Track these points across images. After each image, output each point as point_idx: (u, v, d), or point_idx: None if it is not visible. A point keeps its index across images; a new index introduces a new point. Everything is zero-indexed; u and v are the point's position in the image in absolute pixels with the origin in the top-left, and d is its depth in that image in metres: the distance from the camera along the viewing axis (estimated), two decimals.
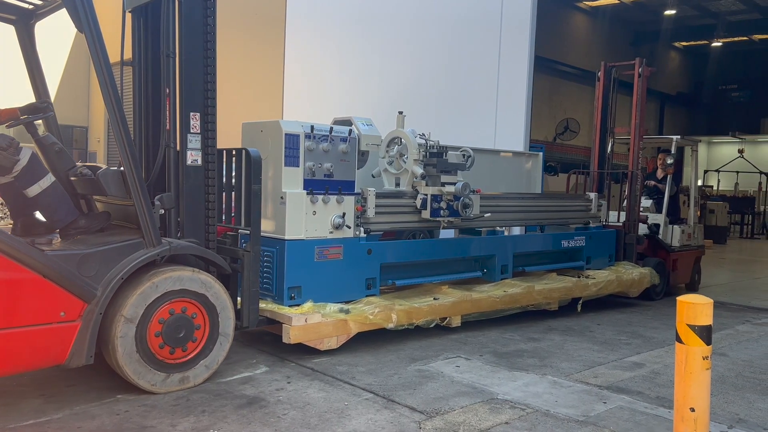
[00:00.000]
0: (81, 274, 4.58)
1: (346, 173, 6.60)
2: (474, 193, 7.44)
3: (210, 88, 5.51)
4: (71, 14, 4.68)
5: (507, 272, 8.04)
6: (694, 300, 3.59)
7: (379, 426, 4.52)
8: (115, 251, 4.78)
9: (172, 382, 4.98)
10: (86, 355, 4.59)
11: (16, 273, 4.29)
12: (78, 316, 4.56)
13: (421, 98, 12.81)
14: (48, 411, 4.57)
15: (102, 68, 4.78)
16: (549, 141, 26.34)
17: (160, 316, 4.89)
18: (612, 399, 5.29)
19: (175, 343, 4.97)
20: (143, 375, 4.82)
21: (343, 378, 5.53)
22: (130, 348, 4.73)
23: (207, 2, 5.47)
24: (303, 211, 6.21)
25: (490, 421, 4.67)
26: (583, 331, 7.71)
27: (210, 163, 5.52)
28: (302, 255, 6.22)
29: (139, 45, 5.86)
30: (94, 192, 5.46)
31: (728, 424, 4.83)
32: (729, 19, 28.57)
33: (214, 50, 5.53)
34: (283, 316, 5.92)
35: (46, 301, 4.43)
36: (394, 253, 7.03)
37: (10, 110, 5.51)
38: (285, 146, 6.15)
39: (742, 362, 6.62)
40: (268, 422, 4.49)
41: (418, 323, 6.70)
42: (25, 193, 5.00)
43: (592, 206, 9.39)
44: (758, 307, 9.89)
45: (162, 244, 4.98)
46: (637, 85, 10.15)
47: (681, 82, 34.23)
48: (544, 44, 16.41)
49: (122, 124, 4.88)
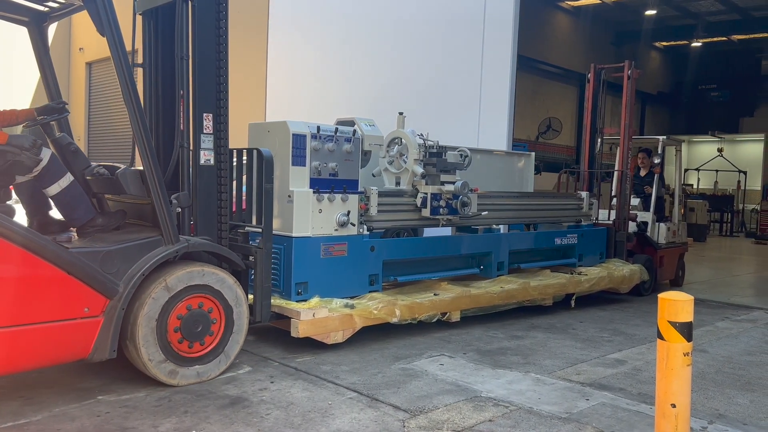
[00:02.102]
0: (103, 271, 4.72)
1: (350, 172, 6.76)
2: (472, 191, 7.63)
3: (222, 90, 5.65)
4: (93, 19, 4.81)
5: (503, 269, 8.24)
6: (675, 297, 3.61)
7: (363, 425, 4.53)
8: (136, 248, 4.93)
9: (191, 376, 5.13)
10: (109, 349, 4.73)
11: (43, 270, 4.43)
12: (101, 311, 4.71)
13: (404, 98, 12.76)
14: (27, 413, 4.52)
15: (123, 70, 4.92)
16: (532, 140, 26.55)
17: (179, 312, 5.04)
18: (594, 396, 5.34)
19: (193, 337, 5.12)
20: (164, 369, 4.96)
21: (327, 377, 5.53)
22: (151, 343, 4.88)
23: (220, 6, 5.61)
24: (309, 209, 6.37)
25: (474, 419, 4.71)
26: (565, 328, 7.80)
27: (222, 162, 5.66)
28: (309, 252, 6.38)
29: (150, 47, 6.00)
30: (111, 191, 5.59)
31: (708, 420, 4.91)
32: (709, 20, 28.92)
33: (226, 53, 5.67)
34: (291, 311, 6.08)
35: (70, 297, 4.57)
36: (395, 250, 7.21)
37: (27, 111, 5.62)
38: (292, 146, 6.30)
39: (722, 358, 6.73)
40: (251, 422, 4.49)
41: (420, 318, 6.88)
42: (45, 192, 5.12)
43: (584, 205, 9.63)
44: (737, 304, 10.08)
45: (180, 242, 5.13)
46: (627, 86, 10.37)
47: (661, 82, 34.60)
48: (526, 44, 16.53)
49: (142, 125, 5.02)
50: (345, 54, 14.72)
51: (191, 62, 5.51)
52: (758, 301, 10.60)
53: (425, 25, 13.14)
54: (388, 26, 13.83)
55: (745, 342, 7.50)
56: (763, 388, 5.75)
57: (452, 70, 12.61)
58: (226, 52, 5.67)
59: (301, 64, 15.68)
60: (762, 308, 9.72)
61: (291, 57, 16.01)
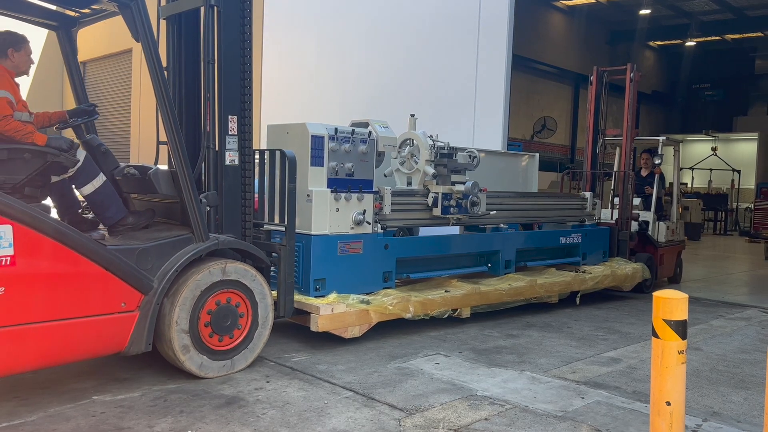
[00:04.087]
0: (139, 268, 4.92)
1: (365, 173, 6.96)
2: (481, 191, 7.84)
3: (246, 93, 5.86)
4: (129, 25, 5.01)
5: (510, 267, 8.47)
6: (669, 295, 3.59)
7: (359, 424, 4.53)
8: (169, 246, 5.14)
9: (220, 368, 5.35)
10: (145, 342, 4.94)
11: (85, 267, 4.63)
12: (136, 306, 4.91)
13: (399, 97, 12.98)
14: (21, 414, 4.51)
15: (157, 74, 5.12)
16: (527, 139, 26.72)
17: (209, 307, 5.26)
18: (589, 394, 5.36)
19: (222, 331, 5.34)
20: (196, 362, 5.18)
21: (323, 377, 5.52)
22: (183, 337, 5.08)
23: (244, 12, 5.82)
24: (327, 208, 6.57)
25: (470, 418, 4.72)
26: (560, 327, 7.85)
27: (246, 162, 5.87)
28: (326, 249, 6.59)
29: (174, 51, 6.18)
30: (141, 190, 5.79)
31: (703, 417, 4.93)
32: (702, 19, 29.18)
33: (250, 57, 5.88)
34: (311, 306, 6.29)
35: (108, 292, 4.77)
36: (408, 248, 7.43)
37: (59, 113, 5.82)
38: (311, 147, 6.50)
39: (716, 356, 6.76)
40: (247, 422, 4.48)
41: (432, 314, 7.08)
42: (79, 192, 5.32)
43: (588, 205, 9.87)
44: (731, 302, 10.15)
45: (210, 239, 5.34)
46: (629, 89, 10.60)
47: (656, 81, 34.85)
48: (521, 43, 16.62)
49: (175, 127, 5.22)
50: (339, 54, 14.82)
51: (216, 66, 5.71)
52: (752, 299, 10.73)
53: (420, 25, 13.23)
54: (383, 26, 13.92)
55: (739, 340, 7.55)
56: (756, 386, 5.77)
57: (447, 69, 12.69)
58: (250, 56, 5.88)
59: (296, 64, 15.74)
60: (756, 306, 9.83)
61: (285, 57, 16.10)
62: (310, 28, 15.34)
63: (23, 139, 4.90)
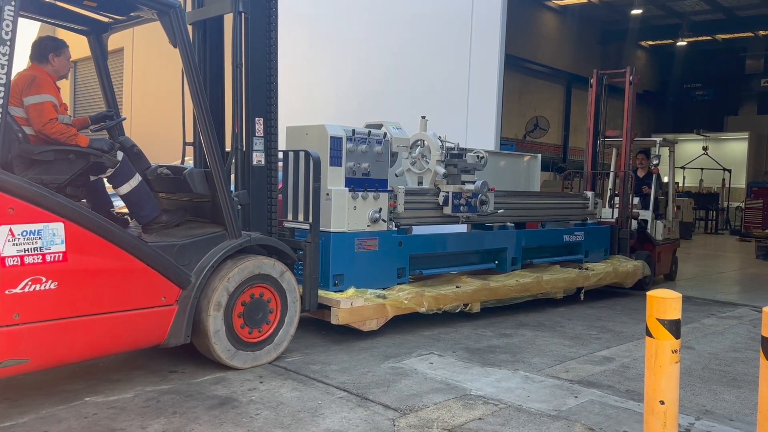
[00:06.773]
0: (178, 263, 5.18)
1: (380, 172, 7.23)
2: (489, 191, 8.12)
3: (273, 96, 6.13)
4: (167, 32, 5.26)
5: (516, 264, 8.76)
6: (663, 295, 3.61)
7: (353, 424, 4.53)
8: (205, 242, 5.40)
9: (251, 359, 5.62)
10: (183, 335, 5.21)
11: (129, 263, 4.88)
12: (175, 300, 5.17)
13: (392, 97, 13.11)
14: (13, 415, 4.49)
15: (193, 78, 5.36)
16: (519, 139, 26.94)
17: (243, 300, 5.52)
18: (583, 393, 5.37)
19: (254, 324, 5.62)
20: (229, 353, 5.44)
21: (317, 377, 5.52)
22: (219, 329, 5.34)
23: (270, 18, 6.08)
24: (345, 206, 6.84)
25: (464, 417, 4.73)
26: (553, 326, 7.90)
27: (272, 163, 6.13)
28: (345, 246, 6.85)
29: (200, 55, 6.41)
30: (174, 190, 6.03)
31: (696, 416, 4.95)
32: (693, 19, 29.58)
33: (276, 61, 6.14)
34: (331, 300, 6.56)
35: (150, 287, 5.02)
36: (421, 245, 7.70)
37: (82, 118, 6.03)
38: (330, 148, 6.76)
39: (708, 355, 6.81)
40: (241, 422, 4.48)
41: (444, 308, 7.35)
42: (117, 191, 5.55)
43: (589, 204, 10.18)
44: (723, 301, 10.27)
45: (242, 236, 5.60)
46: (628, 91, 10.89)
47: (648, 81, 35.10)
48: (514, 43, 16.68)
49: (210, 130, 5.46)
50: (332, 54, 14.90)
51: (244, 70, 5.94)
52: (743, 298, 10.87)
53: (413, 25, 13.33)
54: (376, 26, 14.02)
55: (730, 339, 7.62)
56: (748, 385, 5.80)
57: (440, 69, 12.80)
58: (276, 60, 6.14)
59: (289, 64, 15.78)
60: (747, 305, 9.92)
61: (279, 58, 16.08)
62: (302, 30, 15.25)
63: (68, 141, 5.13)
